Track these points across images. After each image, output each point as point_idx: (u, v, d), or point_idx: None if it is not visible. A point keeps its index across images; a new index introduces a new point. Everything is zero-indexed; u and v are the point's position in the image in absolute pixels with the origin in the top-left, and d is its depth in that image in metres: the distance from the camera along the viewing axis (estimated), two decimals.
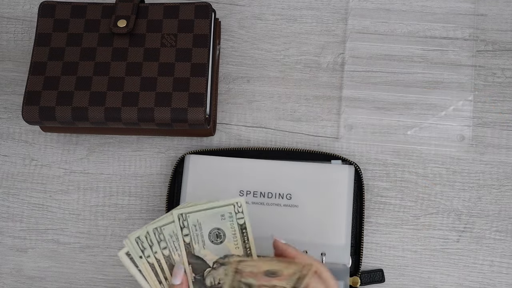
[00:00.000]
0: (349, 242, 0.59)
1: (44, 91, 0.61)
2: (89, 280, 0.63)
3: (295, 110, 0.66)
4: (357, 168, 0.62)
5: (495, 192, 0.63)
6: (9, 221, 0.65)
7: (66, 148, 0.67)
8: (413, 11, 0.68)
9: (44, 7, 0.64)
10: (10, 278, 0.64)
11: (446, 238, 0.62)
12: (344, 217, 0.59)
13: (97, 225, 0.64)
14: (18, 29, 0.71)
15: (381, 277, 0.60)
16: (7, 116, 0.68)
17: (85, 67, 0.62)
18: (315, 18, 0.69)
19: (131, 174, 0.65)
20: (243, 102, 0.67)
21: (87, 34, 0.63)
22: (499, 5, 0.68)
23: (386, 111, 0.65)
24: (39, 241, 0.64)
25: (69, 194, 0.65)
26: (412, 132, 0.65)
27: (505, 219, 0.62)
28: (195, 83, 0.60)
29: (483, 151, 0.64)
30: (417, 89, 0.66)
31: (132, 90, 0.60)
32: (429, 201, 0.63)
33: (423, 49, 0.67)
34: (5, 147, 0.67)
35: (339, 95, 0.66)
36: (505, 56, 0.66)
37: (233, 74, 0.68)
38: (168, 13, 0.63)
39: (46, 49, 0.63)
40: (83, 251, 0.64)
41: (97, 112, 0.60)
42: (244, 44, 0.69)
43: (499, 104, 0.65)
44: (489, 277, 0.61)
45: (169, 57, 0.61)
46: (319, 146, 0.65)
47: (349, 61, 0.67)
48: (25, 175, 0.66)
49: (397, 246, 0.62)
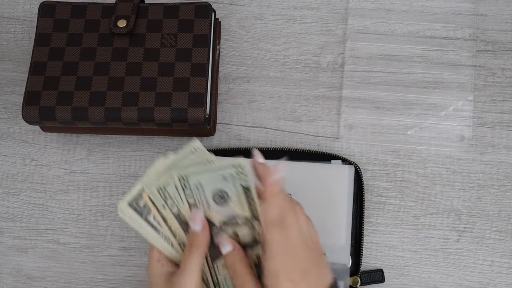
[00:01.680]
0: (349, 242, 0.59)
1: (44, 91, 0.61)
2: (89, 280, 0.63)
3: (295, 110, 0.66)
4: (357, 168, 0.62)
5: (495, 192, 0.63)
6: (9, 221, 0.65)
7: (66, 148, 0.67)
8: (413, 11, 0.68)
9: (44, 7, 0.64)
10: (10, 278, 0.64)
11: (446, 238, 0.62)
12: (344, 217, 0.59)
13: (97, 225, 0.64)
14: (18, 29, 0.71)
15: (381, 277, 0.60)
16: (7, 116, 0.68)
17: (85, 67, 0.62)
18: (315, 18, 0.69)
19: (131, 174, 0.65)
20: (243, 102, 0.67)
21: (87, 34, 0.63)
22: (499, 5, 0.68)
23: (386, 111, 0.65)
24: (39, 241, 0.64)
25: (69, 194, 0.65)
26: (412, 132, 0.65)
27: (505, 219, 0.62)
28: (195, 83, 0.60)
29: (483, 151, 0.64)
30: (417, 89, 0.66)
31: (132, 90, 0.60)
32: (429, 201, 0.63)
33: (423, 49, 0.67)
34: (5, 147, 0.67)
35: (339, 95, 0.66)
36: (505, 56, 0.66)
37: (233, 74, 0.68)
38: (168, 13, 0.63)
39: (46, 49, 0.63)
40: (83, 251, 0.64)
41: (97, 112, 0.60)
42: (244, 44, 0.69)
43: (499, 104, 0.65)
44: (489, 277, 0.61)
45: (169, 57, 0.61)
46: (319, 146, 0.65)
47: (349, 61, 0.67)
48: (25, 175, 0.66)
49: (397, 246, 0.62)
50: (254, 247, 0.47)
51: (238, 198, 0.45)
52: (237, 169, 0.43)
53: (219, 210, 0.46)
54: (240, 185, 0.44)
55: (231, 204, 0.45)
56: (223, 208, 0.45)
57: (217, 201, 0.45)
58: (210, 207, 0.46)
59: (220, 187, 0.45)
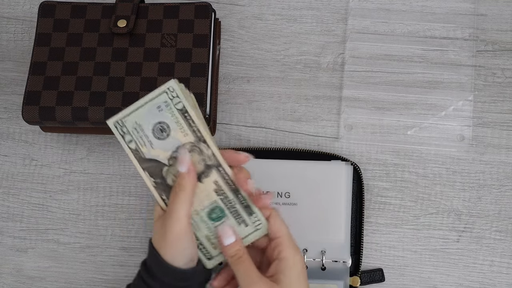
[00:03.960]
0: (348, 239, 0.59)
1: (44, 91, 0.61)
2: (89, 280, 0.63)
3: (295, 110, 0.66)
4: (357, 168, 0.62)
5: (495, 192, 0.63)
6: (9, 221, 0.65)
7: (66, 148, 0.67)
8: (413, 11, 0.68)
9: (44, 7, 0.64)
10: (10, 278, 0.64)
11: (446, 238, 0.62)
12: (343, 214, 0.59)
13: (97, 225, 0.64)
14: (18, 29, 0.71)
15: (381, 276, 0.60)
16: (7, 116, 0.68)
17: (85, 67, 0.62)
18: (315, 18, 0.69)
19: (131, 174, 0.65)
20: (243, 102, 0.67)
21: (87, 34, 0.63)
22: (499, 5, 0.68)
23: (386, 111, 0.65)
24: (39, 241, 0.64)
25: (69, 194, 0.65)
26: (412, 132, 0.65)
27: (505, 219, 0.62)
28: (195, 83, 0.60)
29: (483, 151, 0.64)
30: (417, 89, 0.66)
31: (132, 90, 0.60)
32: (429, 201, 0.63)
33: (423, 49, 0.67)
34: (5, 147, 0.67)
35: (339, 95, 0.66)
36: (505, 56, 0.66)
37: (233, 74, 0.68)
38: (168, 13, 0.63)
39: (46, 49, 0.63)
40: (83, 251, 0.64)
41: (97, 112, 0.60)
42: (244, 44, 0.69)
43: (499, 104, 0.65)
44: (489, 277, 0.61)
45: (169, 57, 0.61)
46: (319, 146, 0.65)
47: (349, 61, 0.67)
48: (25, 175, 0.66)
49: (397, 246, 0.62)
50: (209, 173, 0.46)
51: (178, 124, 0.44)
52: (168, 93, 0.42)
53: (163, 145, 0.44)
54: (176, 110, 0.43)
55: (172, 134, 0.44)
56: (166, 141, 0.44)
57: (158, 136, 0.44)
58: (153, 145, 0.44)
59: (158, 120, 0.43)
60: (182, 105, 0.43)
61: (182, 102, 0.43)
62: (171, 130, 0.44)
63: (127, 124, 0.44)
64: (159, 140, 0.44)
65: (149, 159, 0.45)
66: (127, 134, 0.44)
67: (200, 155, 0.45)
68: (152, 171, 0.45)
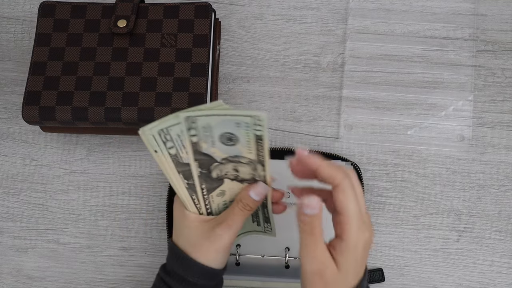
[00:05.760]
0: None
1: (44, 91, 0.61)
2: (89, 280, 0.63)
3: (295, 110, 0.66)
4: (357, 168, 0.62)
5: (495, 192, 0.63)
6: (9, 221, 0.65)
7: (66, 148, 0.67)
8: (413, 11, 0.68)
9: (44, 7, 0.64)
10: (10, 278, 0.63)
11: (446, 238, 0.62)
12: None
13: (97, 225, 0.64)
14: (18, 29, 0.71)
15: (381, 276, 0.60)
16: (7, 116, 0.68)
17: (85, 67, 0.62)
18: (315, 18, 0.69)
19: (131, 174, 0.65)
20: (243, 102, 0.67)
21: (87, 34, 0.63)
22: (499, 5, 0.68)
23: (386, 111, 0.65)
24: (39, 241, 0.64)
25: (69, 194, 0.65)
26: (412, 132, 0.65)
27: (505, 219, 0.62)
28: (195, 83, 0.60)
29: (483, 151, 0.64)
30: (417, 89, 0.66)
31: (132, 90, 0.60)
32: (429, 201, 0.63)
33: (423, 49, 0.67)
34: (5, 147, 0.67)
35: (339, 95, 0.66)
36: (505, 56, 0.66)
37: (233, 74, 0.68)
38: (168, 13, 0.63)
39: (46, 49, 0.63)
40: (83, 251, 0.64)
41: (97, 112, 0.60)
42: (244, 44, 0.69)
43: (499, 104, 0.65)
44: (489, 277, 0.61)
45: (169, 57, 0.61)
46: (319, 146, 0.65)
47: (349, 61, 0.67)
48: (25, 175, 0.66)
49: (397, 246, 0.62)
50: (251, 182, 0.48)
51: (248, 143, 0.44)
52: (254, 119, 0.41)
53: (223, 148, 0.45)
54: (253, 133, 0.43)
55: (238, 146, 0.44)
56: (228, 147, 0.44)
57: (223, 141, 0.44)
58: (214, 144, 0.44)
59: (231, 131, 0.43)
60: (261, 133, 0.43)
61: (262, 132, 0.43)
62: (239, 143, 0.44)
63: (198, 122, 0.43)
64: (223, 144, 0.45)
65: (204, 153, 0.45)
66: (194, 129, 0.43)
67: (253, 171, 0.46)
68: (203, 163, 0.45)
